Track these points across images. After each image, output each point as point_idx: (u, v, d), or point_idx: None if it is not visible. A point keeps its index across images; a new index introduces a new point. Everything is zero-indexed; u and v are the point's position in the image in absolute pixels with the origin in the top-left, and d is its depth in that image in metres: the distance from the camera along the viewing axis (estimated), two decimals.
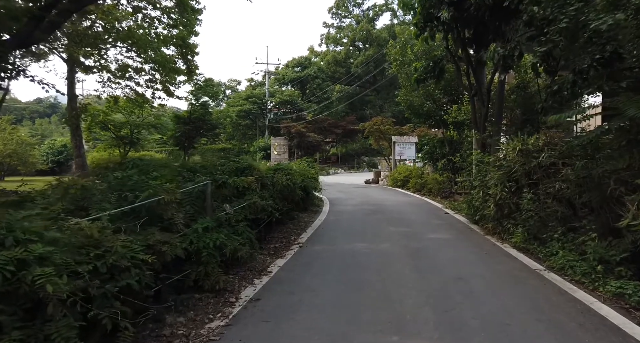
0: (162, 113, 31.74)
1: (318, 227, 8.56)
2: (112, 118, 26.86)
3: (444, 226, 8.66)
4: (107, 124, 26.87)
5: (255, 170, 6.94)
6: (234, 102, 43.97)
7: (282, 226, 8.19)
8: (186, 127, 27.78)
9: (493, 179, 7.48)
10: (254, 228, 6.44)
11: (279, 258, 6.04)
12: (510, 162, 7.29)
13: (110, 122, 27.28)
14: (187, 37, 18.95)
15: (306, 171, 11.83)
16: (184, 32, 18.75)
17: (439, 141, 15.07)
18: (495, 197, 7.21)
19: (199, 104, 26.96)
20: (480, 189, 8.08)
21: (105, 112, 26.89)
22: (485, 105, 10.71)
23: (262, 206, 6.40)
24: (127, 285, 2.88)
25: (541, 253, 5.87)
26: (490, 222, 7.61)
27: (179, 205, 4.37)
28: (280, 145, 39.83)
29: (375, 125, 21.82)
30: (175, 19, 18.13)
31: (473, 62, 10.92)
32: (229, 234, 4.98)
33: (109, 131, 28.03)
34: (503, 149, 7.75)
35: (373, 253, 6.29)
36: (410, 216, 10.09)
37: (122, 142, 28.07)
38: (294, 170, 9.13)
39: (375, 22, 49.03)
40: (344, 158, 42.53)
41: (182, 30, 18.74)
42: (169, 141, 32.09)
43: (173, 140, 30.20)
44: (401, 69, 14.91)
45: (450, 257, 6.07)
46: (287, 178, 7.95)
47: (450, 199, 13.30)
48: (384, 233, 7.86)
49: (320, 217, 9.99)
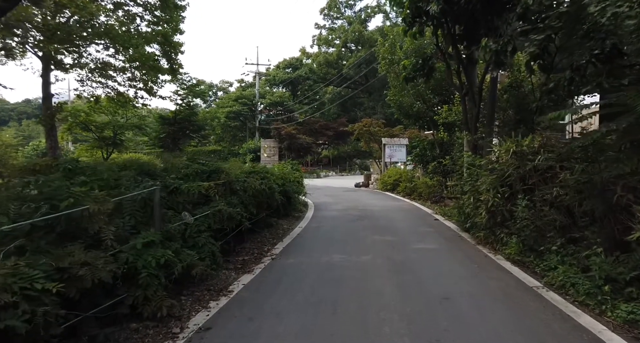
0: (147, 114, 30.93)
1: (297, 235, 7.89)
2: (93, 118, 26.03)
3: (433, 234, 8.05)
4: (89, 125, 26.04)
5: (224, 173, 6.26)
6: (223, 103, 43.19)
7: (256, 235, 7.51)
8: (171, 128, 27.01)
9: (485, 184, 6.88)
10: (220, 239, 5.77)
11: (246, 273, 5.36)
12: (503, 165, 6.71)
13: (93, 122, 26.44)
14: (170, 35, 18.23)
15: (289, 174, 11.17)
16: (166, 29, 18.03)
17: (430, 143, 14.51)
18: (487, 204, 6.61)
19: (184, 104, 26.23)
20: (471, 194, 7.48)
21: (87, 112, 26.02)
22: (476, 105, 10.15)
23: (229, 214, 5.72)
24: (7, 328, 2.18)
25: (538, 267, 5.27)
26: (482, 231, 7.02)
27: (113, 216, 3.68)
28: (270, 148, 39.16)
29: (365, 126, 21.23)
30: (158, 16, 17.43)
31: (464, 60, 10.38)
32: (181, 249, 4.30)
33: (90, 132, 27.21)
34: (496, 151, 7.17)
35: (352, 267, 5.64)
36: (397, 223, 9.46)
37: (104, 144, 27.23)
38: (273, 173, 8.46)
39: (367, 24, 48.60)
40: (336, 160, 41.94)
41: (165, 27, 18.05)
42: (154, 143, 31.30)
43: (157, 141, 29.45)
44: (390, 68, 14.34)
45: (438, 270, 5.44)
46: (261, 182, 7.28)
47: (440, 204, 12.72)
48: (367, 243, 7.22)
49: (302, 223, 9.32)
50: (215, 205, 5.75)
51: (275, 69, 47.89)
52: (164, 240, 4.10)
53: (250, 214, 6.90)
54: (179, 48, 19.29)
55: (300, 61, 49.36)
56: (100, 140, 28.02)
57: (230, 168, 7.09)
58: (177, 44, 18.89)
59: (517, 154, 6.36)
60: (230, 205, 6.02)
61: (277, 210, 9.42)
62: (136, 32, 17.15)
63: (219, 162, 6.72)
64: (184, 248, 4.48)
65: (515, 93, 10.34)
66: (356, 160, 41.46)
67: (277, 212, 9.52)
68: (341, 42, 47.25)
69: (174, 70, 19.25)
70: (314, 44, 51.66)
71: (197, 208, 5.68)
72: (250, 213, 6.87)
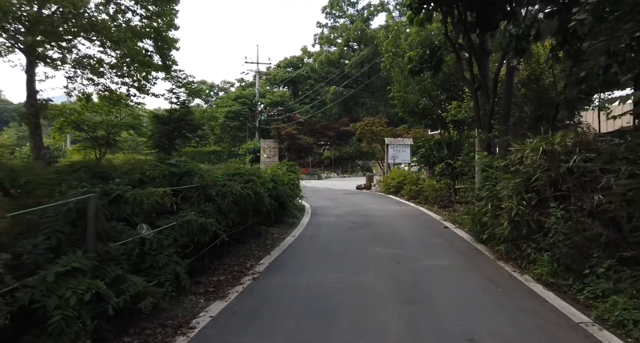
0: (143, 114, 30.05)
1: (288, 247, 6.88)
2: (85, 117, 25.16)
3: (444, 246, 7.02)
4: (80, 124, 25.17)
5: (197, 176, 5.26)
6: (223, 103, 42.27)
7: (240, 247, 6.52)
8: (166, 128, 26.10)
9: (506, 189, 5.85)
10: (190, 255, 4.78)
11: (218, 299, 4.35)
12: (529, 167, 5.68)
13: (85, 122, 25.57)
14: (165, 31, 17.33)
15: (282, 176, 10.18)
16: (160, 24, 17.14)
17: (436, 143, 13.46)
18: (510, 212, 5.58)
19: (179, 102, 25.33)
20: (489, 201, 6.46)
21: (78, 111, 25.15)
22: (491, 100, 9.12)
23: (200, 225, 4.73)
24: None
25: (580, 294, 4.25)
26: (503, 243, 5.98)
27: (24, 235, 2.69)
28: (270, 148, 38.18)
29: (367, 126, 20.19)
30: (151, 10, 16.52)
31: (476, 50, 9.35)
32: (126, 274, 3.30)
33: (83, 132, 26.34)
34: (518, 150, 6.14)
35: (350, 291, 4.62)
36: (402, 231, 8.44)
37: (97, 144, 26.33)
38: (261, 175, 7.45)
39: (370, 22, 47.61)
40: (338, 162, 40.93)
41: (159, 22, 17.16)
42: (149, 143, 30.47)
43: (152, 141, 28.53)
44: (394, 61, 13.31)
45: (455, 297, 4.41)
46: (245, 186, 6.28)
47: (448, 209, 11.68)
48: (368, 257, 6.20)
49: (295, 231, 8.31)
50: (184, 214, 4.76)
51: (275, 68, 46.97)
52: (99, 265, 3.10)
53: (231, 224, 5.91)
54: (174, 44, 18.38)
55: (302, 60, 48.43)
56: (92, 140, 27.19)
57: (209, 169, 6.10)
58: (172, 40, 17.98)
59: (548, 154, 5.33)
60: (204, 214, 5.02)
61: (267, 217, 8.43)
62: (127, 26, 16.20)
63: (193, 163, 5.72)
64: (132, 274, 3.48)
65: (534, 87, 9.29)
66: (358, 162, 40.44)
67: (268, 219, 8.53)
68: (343, 41, 46.28)
69: (167, 67, 18.34)
70: (316, 43, 50.81)
71: (162, 218, 4.69)
72: (231, 222, 5.88)
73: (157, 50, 18.01)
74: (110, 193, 3.58)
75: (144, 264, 4.04)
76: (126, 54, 16.38)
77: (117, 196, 3.59)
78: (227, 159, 40.39)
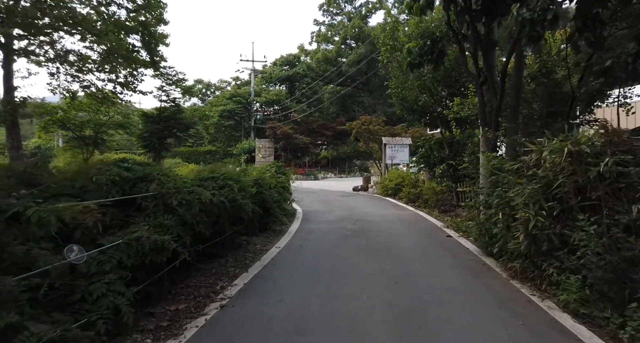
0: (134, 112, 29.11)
1: (269, 262, 6.01)
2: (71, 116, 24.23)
3: (448, 259, 6.17)
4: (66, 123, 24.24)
5: (154, 183, 4.40)
6: (217, 101, 41.34)
7: (213, 262, 5.66)
8: (155, 127, 25.15)
9: (521, 196, 5.01)
10: (141, 281, 3.92)
11: (171, 338, 3.49)
12: (548, 171, 4.84)
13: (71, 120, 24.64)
14: (153, 25, 16.51)
15: (270, 179, 9.32)
16: (149, 18, 16.31)
17: (437, 143, 12.62)
18: (527, 224, 4.74)
19: (169, 100, 24.38)
20: (500, 209, 5.61)
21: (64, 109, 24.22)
22: (498, 95, 8.28)
23: (153, 242, 3.86)
24: None
25: (624, 331, 3.40)
26: (517, 259, 5.14)
27: None
28: (266, 148, 37.29)
29: (364, 125, 19.32)
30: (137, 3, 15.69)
31: (482, 41, 8.50)
32: (21, 321, 2.44)
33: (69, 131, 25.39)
34: (535, 151, 5.30)
35: (336, 324, 3.76)
36: (401, 241, 7.59)
37: (84, 143, 25.35)
38: (241, 179, 6.59)
39: (367, 20, 46.76)
40: (335, 162, 40.09)
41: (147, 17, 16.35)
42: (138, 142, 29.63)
43: (141, 140, 27.54)
44: (392, 56, 12.46)
45: (465, 333, 3.56)
46: (220, 192, 5.42)
47: (450, 214, 10.85)
48: (361, 276, 5.34)
49: (281, 242, 7.45)
50: (135, 230, 3.90)
51: (271, 66, 46.07)
52: None
53: (201, 237, 5.06)
54: (163, 40, 17.56)
55: (298, 58, 47.55)
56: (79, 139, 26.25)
57: (175, 174, 5.25)
58: (162, 35, 17.17)
59: (574, 155, 4.48)
60: (162, 229, 4.16)
61: (250, 225, 7.57)
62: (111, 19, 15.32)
63: (152, 166, 4.85)
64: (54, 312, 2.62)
65: (545, 81, 8.45)
66: (356, 162, 39.63)
67: (251, 227, 7.67)
68: (340, 39, 45.46)
69: (155, 63, 17.46)
70: (313, 41, 50.01)
71: (109, 234, 3.83)
72: (202, 235, 5.02)
73: (144, 45, 17.17)
74: (6, 211, 2.71)
75: (72, 297, 3.18)
76: (110, 49, 15.53)
77: (15, 214, 2.72)
78: (222, 159, 39.50)
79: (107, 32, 14.53)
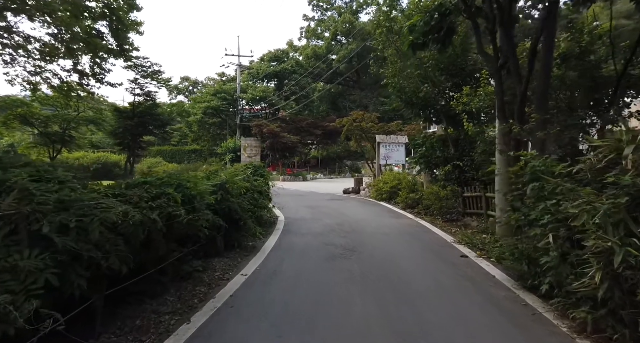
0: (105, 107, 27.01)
1: (225, 303, 4.26)
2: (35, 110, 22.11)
3: (471, 295, 4.51)
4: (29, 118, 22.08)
5: (13, 195, 2.66)
6: (201, 98, 39.29)
7: (143, 305, 3.91)
8: (128, 123, 23.08)
9: (591, 214, 3.38)
10: None
11: None
12: (636, 177, 3.24)
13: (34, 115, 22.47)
14: (123, 10, 14.66)
15: (244, 182, 7.60)
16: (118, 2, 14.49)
17: (440, 140, 11.04)
18: (607, 258, 3.12)
19: (143, 93, 22.34)
20: (551, 230, 3.97)
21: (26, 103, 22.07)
22: (524, 81, 6.68)
23: None
24: None
25: None
26: (586, 307, 3.49)
27: None
28: (252, 147, 35.47)
29: (356, 121, 17.65)
30: None
31: (505, 14, 6.90)
32: None
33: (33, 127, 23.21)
34: (608, 146, 3.70)
35: None
36: (404, 263, 5.93)
37: (50, 141, 23.18)
38: (190, 186, 4.83)
39: (359, 15, 45.14)
40: (325, 162, 38.43)
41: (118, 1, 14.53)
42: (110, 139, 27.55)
43: (114, 138, 25.41)
44: (388, 39, 10.81)
45: None
46: (147, 205, 3.68)
47: (458, 224, 9.26)
48: (352, 323, 3.65)
49: (249, 266, 5.70)
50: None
51: (259, 62, 44.15)
52: None
53: (114, 274, 3.31)
54: (136, 27, 15.74)
55: (287, 54, 45.73)
56: (44, 136, 23.94)
57: (71, 180, 3.49)
58: (134, 22, 15.36)
59: None
60: (14, 276, 2.41)
61: (211, 244, 5.84)
62: None
63: (9, 171, 3.09)
64: None
65: (581, 64, 6.89)
66: (347, 162, 38.05)
67: (211, 246, 5.93)
68: (331, 34, 43.74)
69: (123, 51, 15.57)
70: (302, 37, 48.18)
71: None
72: (111, 271, 3.28)
73: (112, 32, 15.30)
74: None
75: None
76: (66, 31, 13.64)
77: None
78: (206, 159, 37.43)
79: (57, 10, 12.60)
